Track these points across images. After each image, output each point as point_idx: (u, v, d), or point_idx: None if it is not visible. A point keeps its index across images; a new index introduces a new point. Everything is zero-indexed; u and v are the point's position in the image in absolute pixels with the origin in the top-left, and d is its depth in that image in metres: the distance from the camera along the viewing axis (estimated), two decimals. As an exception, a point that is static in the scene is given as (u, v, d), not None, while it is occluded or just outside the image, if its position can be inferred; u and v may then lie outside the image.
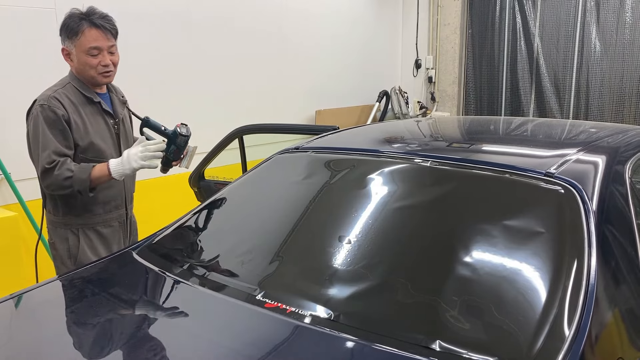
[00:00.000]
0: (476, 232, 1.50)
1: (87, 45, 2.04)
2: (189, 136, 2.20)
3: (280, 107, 4.90)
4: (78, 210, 2.13)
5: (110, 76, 2.14)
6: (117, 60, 2.14)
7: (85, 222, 2.14)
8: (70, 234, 2.13)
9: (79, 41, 2.04)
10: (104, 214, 2.19)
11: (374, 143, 2.24)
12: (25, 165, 3.19)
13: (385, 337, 1.22)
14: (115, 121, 2.20)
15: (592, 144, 1.95)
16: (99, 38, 2.05)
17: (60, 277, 1.78)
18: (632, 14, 5.41)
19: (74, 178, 2.00)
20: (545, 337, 1.15)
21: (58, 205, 2.13)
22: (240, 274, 1.60)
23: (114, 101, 2.24)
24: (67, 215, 2.13)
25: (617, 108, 5.67)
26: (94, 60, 2.07)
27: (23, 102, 3.18)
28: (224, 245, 1.80)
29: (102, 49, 2.07)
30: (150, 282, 1.68)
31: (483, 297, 1.30)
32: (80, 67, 2.09)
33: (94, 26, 2.04)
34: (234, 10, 4.40)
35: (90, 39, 2.04)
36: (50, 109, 2.01)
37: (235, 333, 1.35)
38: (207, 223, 1.93)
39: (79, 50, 2.06)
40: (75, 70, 2.12)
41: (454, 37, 6.47)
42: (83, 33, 2.03)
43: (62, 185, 2.00)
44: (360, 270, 1.47)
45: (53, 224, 2.16)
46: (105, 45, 2.07)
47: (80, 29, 2.03)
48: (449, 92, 6.62)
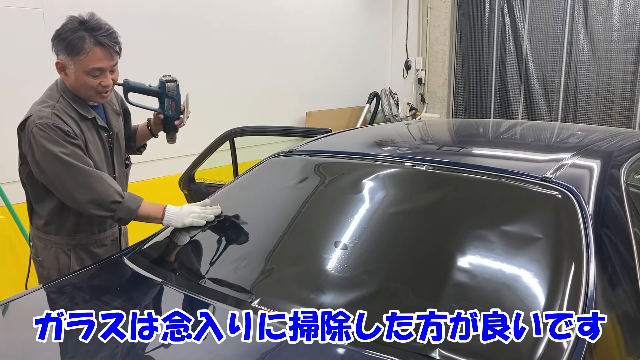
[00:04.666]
0: (473, 238, 1.49)
1: (90, 67, 1.82)
2: (177, 81, 2.04)
3: (271, 109, 4.87)
4: (72, 230, 1.97)
5: (107, 96, 1.94)
6: (117, 77, 1.93)
7: (79, 243, 1.99)
8: (61, 253, 1.97)
9: (81, 61, 1.81)
10: (98, 234, 2.03)
11: (368, 146, 2.22)
12: (12, 168, 3.16)
13: (384, 345, 1.20)
14: (109, 134, 2.02)
15: (587, 148, 1.95)
16: (103, 59, 1.83)
17: (47, 285, 1.74)
18: (620, 16, 5.46)
19: (123, 205, 1.84)
20: (546, 345, 1.14)
21: (51, 224, 1.96)
22: (233, 280, 1.58)
23: (107, 113, 2.04)
24: (60, 234, 1.97)
25: (605, 110, 5.72)
26: (95, 81, 1.85)
27: (8, 103, 3.15)
28: (217, 250, 1.78)
29: (105, 70, 1.85)
30: (140, 289, 1.66)
31: (481, 303, 1.29)
32: (78, 86, 1.87)
33: (99, 45, 1.81)
34: (224, 13, 4.37)
35: (94, 59, 1.81)
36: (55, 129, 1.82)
37: (228, 341, 1.33)
38: (200, 228, 1.90)
39: (78, 68, 1.83)
40: (70, 86, 1.90)
41: (443, 39, 6.48)
42: (86, 53, 1.80)
43: (106, 208, 1.83)
44: (356, 276, 1.45)
45: (43, 241, 1.99)
46: (108, 66, 1.85)
47: (84, 47, 1.79)
48: (439, 94, 6.64)
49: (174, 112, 2.07)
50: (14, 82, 3.14)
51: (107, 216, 1.88)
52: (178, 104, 2.07)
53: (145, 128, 2.23)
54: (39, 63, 3.24)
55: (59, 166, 1.80)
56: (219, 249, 1.80)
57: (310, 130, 3.08)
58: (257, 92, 4.73)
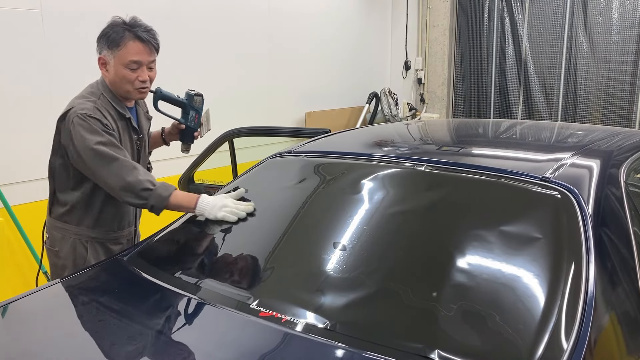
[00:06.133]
0: (472, 238, 1.49)
1: (128, 59, 1.93)
2: (203, 95, 2.15)
3: (270, 109, 4.87)
4: (92, 223, 2.04)
5: (146, 92, 2.04)
6: (154, 76, 2.04)
7: (97, 237, 2.05)
8: (79, 244, 2.04)
9: (120, 53, 1.93)
10: (117, 231, 2.10)
11: (367, 147, 2.22)
12: (11, 169, 3.16)
13: (383, 346, 1.20)
14: (139, 137, 2.12)
15: (586, 148, 1.95)
16: (141, 52, 1.95)
17: (46, 286, 1.74)
18: (619, 16, 5.46)
19: (155, 192, 1.88)
20: (545, 346, 1.13)
21: (73, 214, 2.03)
22: (233, 281, 1.58)
23: (139, 115, 2.15)
24: (81, 225, 2.03)
25: (604, 109, 5.72)
26: (133, 74, 1.96)
27: (7, 104, 3.15)
28: (216, 252, 1.77)
29: (142, 64, 1.96)
30: (140, 291, 1.65)
31: (481, 304, 1.28)
32: (116, 80, 1.97)
33: (137, 39, 1.94)
34: (223, 12, 4.37)
35: (132, 52, 1.93)
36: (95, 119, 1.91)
37: (228, 342, 1.33)
38: (199, 229, 1.90)
39: (117, 61, 1.94)
40: (110, 82, 2.00)
41: (443, 39, 6.48)
42: (125, 45, 1.92)
43: (138, 195, 1.88)
44: (356, 278, 1.44)
45: (61, 231, 2.05)
46: (146, 60, 1.97)
47: (123, 40, 1.92)
48: (438, 94, 6.63)
49: (195, 123, 2.19)
50: (12, 84, 3.14)
51: (140, 204, 1.92)
52: (200, 116, 2.19)
53: (158, 136, 2.34)
54: (38, 64, 3.24)
55: (96, 154, 1.88)
56: (218, 250, 1.79)
57: (310, 130, 3.07)
58: (256, 93, 4.72)
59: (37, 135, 3.24)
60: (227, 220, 1.78)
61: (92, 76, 2.37)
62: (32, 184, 3.15)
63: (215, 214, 1.81)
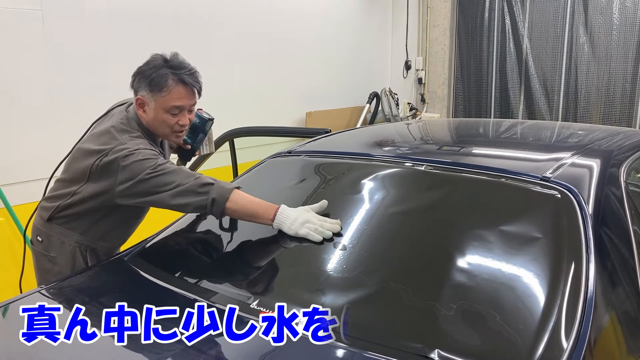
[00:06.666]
0: (473, 238, 1.49)
1: (171, 104, 1.84)
2: (214, 119, 2.14)
3: (271, 109, 4.87)
4: (100, 235, 1.98)
5: (182, 136, 1.96)
6: (193, 118, 1.96)
7: (96, 248, 2.00)
8: (78, 252, 1.97)
9: (163, 98, 1.83)
10: (117, 247, 2.07)
11: (368, 147, 2.22)
12: (12, 169, 3.16)
13: (383, 346, 1.20)
14: None
15: (587, 148, 1.95)
16: (184, 97, 1.85)
17: (46, 286, 1.74)
18: (620, 15, 5.45)
19: (216, 185, 1.71)
20: (545, 346, 1.13)
21: (81, 221, 1.94)
22: (233, 281, 1.58)
23: (164, 148, 2.09)
24: (85, 235, 1.96)
25: (605, 109, 5.71)
26: (173, 119, 1.87)
27: (8, 104, 3.15)
28: (217, 251, 1.77)
29: (184, 108, 1.87)
30: (141, 290, 1.65)
31: (481, 304, 1.28)
32: (155, 123, 1.88)
33: (182, 83, 1.83)
34: (222, 13, 4.37)
35: (175, 97, 1.83)
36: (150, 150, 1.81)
37: (229, 343, 1.33)
38: (199, 229, 1.90)
39: (158, 105, 1.84)
40: (146, 123, 1.90)
41: (443, 39, 6.48)
42: (169, 91, 1.82)
43: (196, 192, 1.71)
44: (356, 278, 1.45)
45: (61, 236, 1.97)
46: (188, 105, 1.87)
47: (167, 85, 1.81)
48: (439, 94, 6.63)
49: (199, 145, 2.18)
50: (13, 84, 3.14)
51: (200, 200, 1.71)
52: (205, 138, 2.17)
53: None
54: (38, 65, 3.25)
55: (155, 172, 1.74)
56: (218, 250, 1.80)
57: (310, 130, 3.08)
58: (256, 93, 4.72)
59: (38, 135, 3.24)
60: (313, 238, 1.57)
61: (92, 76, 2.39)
62: (33, 184, 3.15)
63: (296, 230, 1.59)
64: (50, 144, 3.18)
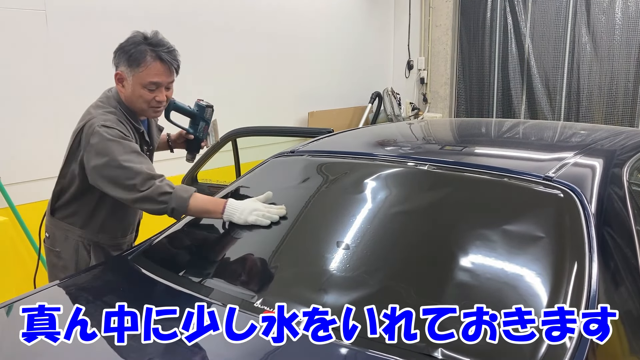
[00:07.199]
0: (475, 237, 1.49)
1: (148, 80, 1.88)
2: (213, 106, 2.16)
3: (273, 109, 4.88)
4: (97, 227, 2.02)
5: (160, 112, 2.01)
6: (171, 95, 2.00)
7: (99, 241, 2.03)
8: (81, 247, 2.02)
9: (140, 73, 1.87)
10: (120, 237, 2.09)
11: (370, 146, 2.22)
12: (16, 169, 3.17)
13: (387, 345, 1.20)
14: (148, 148, 2.10)
15: (589, 147, 1.95)
16: (161, 73, 1.89)
17: (49, 286, 1.75)
18: (622, 15, 5.45)
19: (174, 195, 1.79)
20: (548, 345, 1.14)
21: (79, 216, 2.00)
22: (237, 280, 1.58)
23: (151, 129, 2.13)
24: (85, 228, 2.01)
25: (607, 109, 5.71)
26: (150, 94, 1.91)
27: (12, 104, 3.16)
28: (220, 251, 1.78)
29: (161, 85, 1.92)
30: (144, 289, 1.66)
31: (484, 303, 1.28)
32: (133, 98, 1.93)
33: (159, 60, 1.88)
34: (224, 12, 4.38)
35: (153, 73, 1.88)
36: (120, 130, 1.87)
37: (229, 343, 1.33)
38: (203, 228, 1.90)
39: (136, 80, 1.89)
40: (125, 98, 1.95)
41: (445, 39, 6.48)
42: (147, 66, 1.86)
43: (156, 200, 1.79)
44: (359, 277, 1.45)
45: (64, 232, 2.02)
46: (165, 81, 1.92)
47: (144, 60, 1.86)
48: (441, 94, 6.63)
49: (203, 134, 2.20)
50: (16, 84, 3.15)
51: (160, 209, 1.81)
52: (209, 127, 2.20)
53: (164, 141, 2.32)
54: (42, 64, 3.25)
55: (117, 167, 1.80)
56: (222, 249, 1.80)
57: (313, 130, 3.08)
58: (259, 93, 4.73)
59: (41, 135, 3.25)
60: (259, 225, 1.69)
61: (95, 76, 2.39)
62: (36, 184, 3.16)
63: (245, 218, 1.72)
64: (53, 144, 3.19)
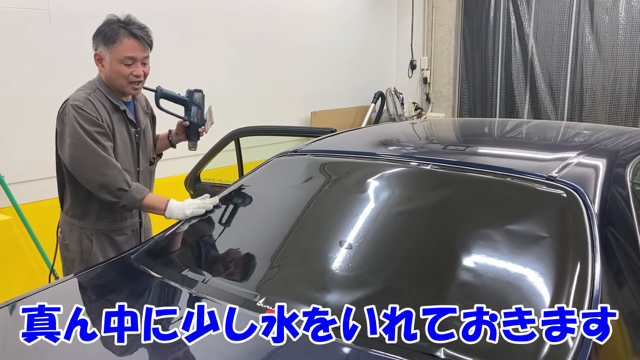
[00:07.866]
0: (479, 237, 1.49)
1: (123, 55, 2.02)
2: (203, 91, 2.23)
3: (276, 109, 4.88)
4: (94, 216, 2.12)
5: (139, 87, 2.12)
6: (148, 71, 2.12)
7: (100, 228, 2.12)
8: (84, 237, 2.12)
9: (115, 49, 2.01)
10: (120, 222, 2.16)
11: (373, 146, 2.22)
12: (19, 168, 3.18)
13: (387, 344, 1.20)
14: (136, 130, 2.17)
15: (593, 147, 1.94)
16: (135, 48, 2.03)
17: (51, 285, 1.75)
18: (626, 14, 5.43)
19: (129, 193, 1.99)
20: (551, 345, 1.14)
21: (76, 208, 2.12)
22: (240, 279, 1.58)
23: (137, 109, 2.21)
24: (84, 219, 2.12)
25: (611, 109, 5.69)
26: (127, 69, 2.04)
27: (16, 103, 3.17)
28: (223, 250, 1.78)
29: (137, 60, 2.05)
30: (147, 288, 1.66)
31: (487, 303, 1.28)
32: (112, 75, 2.06)
33: (132, 36, 2.02)
34: (227, 13, 4.38)
35: (127, 48, 2.02)
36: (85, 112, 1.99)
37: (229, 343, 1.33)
38: (206, 227, 1.91)
39: (113, 57, 2.03)
40: (105, 77, 2.09)
41: (448, 38, 6.47)
42: (121, 42, 2.01)
43: (113, 194, 1.99)
44: (360, 276, 1.45)
45: (69, 225, 2.15)
46: (140, 56, 2.05)
47: (118, 37, 2.00)
48: (444, 93, 6.62)
49: (199, 119, 2.26)
50: (20, 83, 3.16)
51: (114, 202, 2.01)
52: (203, 112, 2.25)
53: (165, 138, 2.40)
54: (45, 64, 3.26)
55: (79, 145, 1.97)
56: (225, 248, 1.80)
57: (315, 130, 3.08)
58: (261, 92, 4.73)
59: (45, 135, 3.25)
60: (196, 215, 1.93)
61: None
62: (40, 183, 3.17)
63: (184, 212, 1.95)
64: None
